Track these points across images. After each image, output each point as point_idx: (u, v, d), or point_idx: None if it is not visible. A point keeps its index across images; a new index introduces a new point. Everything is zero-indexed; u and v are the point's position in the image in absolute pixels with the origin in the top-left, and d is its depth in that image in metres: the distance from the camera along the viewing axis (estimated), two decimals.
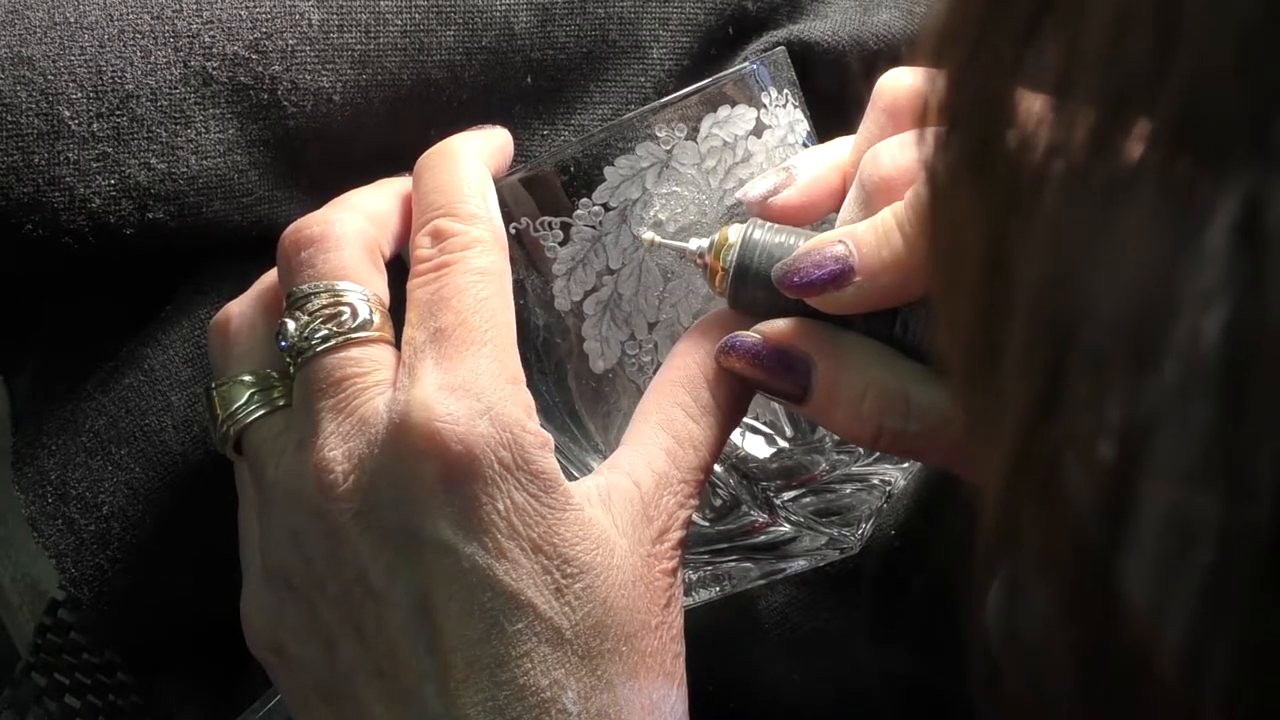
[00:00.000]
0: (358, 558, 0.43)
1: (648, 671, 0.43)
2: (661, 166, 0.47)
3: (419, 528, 0.42)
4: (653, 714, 0.43)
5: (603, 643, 0.42)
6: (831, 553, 0.51)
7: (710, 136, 0.47)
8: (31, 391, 0.54)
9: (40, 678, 0.54)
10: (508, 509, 0.42)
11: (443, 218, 0.46)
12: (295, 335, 0.45)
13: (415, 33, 0.53)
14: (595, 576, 0.42)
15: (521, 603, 0.41)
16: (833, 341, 0.44)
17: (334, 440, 0.43)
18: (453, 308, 0.44)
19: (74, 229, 0.49)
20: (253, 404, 0.46)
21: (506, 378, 0.43)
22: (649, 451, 0.45)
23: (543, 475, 0.42)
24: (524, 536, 0.42)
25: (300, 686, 0.45)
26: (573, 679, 0.42)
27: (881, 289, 0.43)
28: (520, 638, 0.41)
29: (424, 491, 0.42)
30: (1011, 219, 0.28)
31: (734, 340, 0.45)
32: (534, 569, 0.42)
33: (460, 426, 0.42)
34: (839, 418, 0.44)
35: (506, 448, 0.42)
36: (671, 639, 0.44)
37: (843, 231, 0.44)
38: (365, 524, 0.43)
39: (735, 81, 0.48)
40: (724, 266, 0.45)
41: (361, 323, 0.45)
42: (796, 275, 0.44)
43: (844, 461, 0.50)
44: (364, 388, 0.44)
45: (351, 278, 0.46)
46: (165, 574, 0.53)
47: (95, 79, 0.49)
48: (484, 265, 0.45)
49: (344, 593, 0.43)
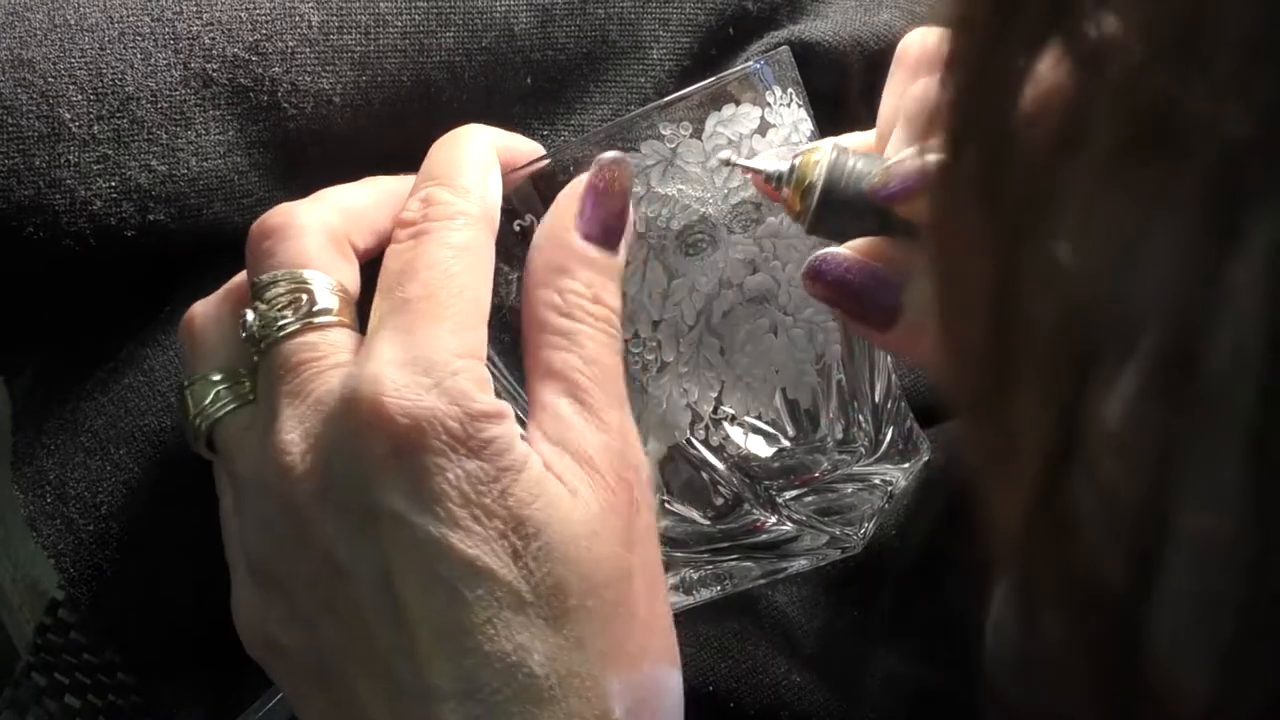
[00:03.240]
0: (323, 537, 0.43)
1: (622, 620, 0.43)
2: (666, 165, 0.47)
3: (374, 501, 0.42)
4: (630, 664, 0.43)
5: (566, 600, 0.42)
6: (833, 552, 0.51)
7: (715, 135, 0.47)
8: (31, 391, 0.54)
9: (40, 678, 0.54)
10: (458, 478, 0.42)
11: (435, 186, 0.46)
12: (255, 324, 0.45)
13: (415, 34, 0.53)
14: (552, 533, 0.42)
15: (479, 569, 0.41)
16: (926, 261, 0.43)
17: (291, 423, 0.43)
18: (421, 279, 0.44)
19: (75, 231, 0.49)
20: (220, 400, 0.46)
21: (460, 351, 0.43)
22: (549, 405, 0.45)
23: (494, 442, 0.42)
24: (476, 503, 0.42)
25: (294, 678, 0.45)
26: (538, 641, 0.41)
27: None
28: (481, 604, 0.41)
29: (375, 465, 0.42)
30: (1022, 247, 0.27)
31: (822, 259, 0.44)
32: (489, 534, 0.42)
33: (407, 400, 0.42)
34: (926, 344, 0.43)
35: (455, 419, 0.42)
36: (647, 582, 0.44)
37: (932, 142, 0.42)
38: (325, 503, 0.43)
39: (739, 80, 0.48)
40: (811, 181, 0.44)
41: (321, 309, 0.45)
42: (892, 182, 0.43)
43: (846, 461, 0.50)
44: (320, 370, 0.44)
45: (312, 265, 0.46)
46: (165, 574, 0.53)
47: (95, 81, 0.49)
48: (463, 240, 0.45)
49: (316, 575, 0.43)
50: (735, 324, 0.48)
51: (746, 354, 0.48)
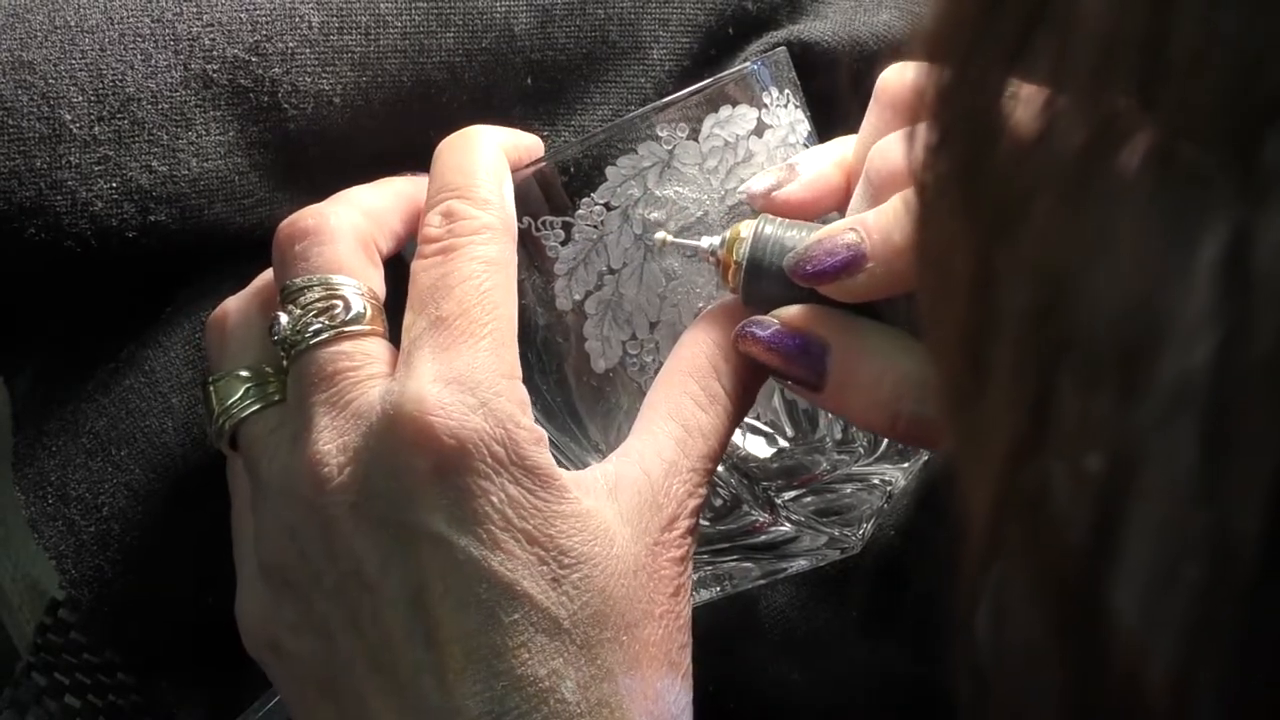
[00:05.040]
0: (353, 551, 0.43)
1: (650, 661, 0.43)
2: (663, 166, 0.47)
3: (413, 520, 0.42)
4: (655, 703, 0.43)
5: (602, 632, 0.42)
6: (832, 552, 0.51)
7: (712, 136, 0.47)
8: (32, 392, 0.54)
9: (40, 678, 0.54)
10: (502, 501, 0.42)
11: (456, 199, 0.46)
12: (288, 328, 0.45)
13: (415, 35, 0.53)
14: (593, 567, 0.42)
15: (517, 593, 0.41)
16: (848, 327, 0.44)
17: (328, 434, 0.43)
18: (455, 296, 0.44)
19: (76, 232, 0.50)
20: (248, 399, 0.47)
21: (503, 372, 0.43)
22: (658, 440, 0.45)
23: (538, 470, 0.42)
24: (518, 529, 0.42)
25: (298, 683, 0.45)
26: (571, 668, 0.42)
27: (894, 274, 0.43)
28: (517, 628, 0.41)
29: (417, 484, 0.42)
30: (1000, 239, 0.27)
31: (751, 325, 0.45)
32: (529, 559, 0.42)
33: (454, 420, 0.42)
34: (856, 404, 0.44)
35: (500, 442, 0.42)
36: (678, 628, 0.44)
37: (852, 220, 0.44)
38: (360, 517, 0.43)
39: (737, 81, 0.48)
40: (737, 260, 0.45)
41: (354, 316, 0.45)
42: (809, 264, 0.44)
43: (845, 461, 0.50)
44: (357, 381, 0.44)
45: (345, 271, 0.46)
46: (165, 575, 0.53)
47: (96, 82, 0.49)
48: (491, 254, 0.45)
49: (340, 586, 0.43)
50: None
51: None
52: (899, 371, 0.43)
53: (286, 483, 0.44)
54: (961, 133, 0.28)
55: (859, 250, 0.43)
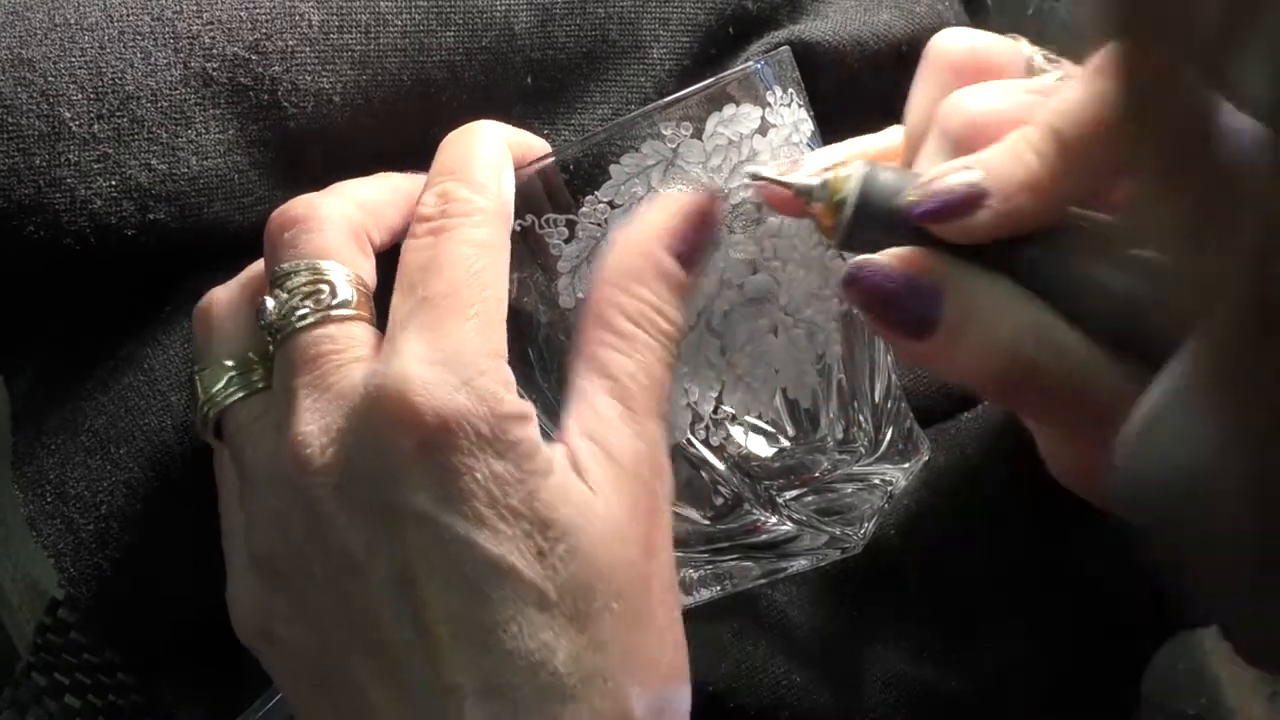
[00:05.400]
0: (338, 533, 0.42)
1: (641, 627, 0.43)
2: (667, 165, 0.47)
3: (397, 500, 0.42)
4: (649, 670, 0.43)
5: (591, 603, 0.42)
6: (833, 552, 0.51)
7: (715, 135, 0.47)
8: (31, 391, 0.54)
9: (40, 678, 0.54)
10: (486, 478, 0.42)
11: (452, 181, 0.46)
12: (274, 313, 0.45)
13: (415, 33, 0.53)
14: (579, 538, 0.42)
15: (503, 569, 0.41)
16: (965, 270, 0.43)
17: (310, 415, 0.43)
18: (444, 277, 0.44)
19: (75, 230, 0.49)
20: (232, 386, 0.46)
21: (487, 352, 0.43)
22: (593, 401, 0.44)
23: (521, 444, 0.42)
24: (503, 504, 0.42)
25: (293, 672, 0.45)
26: (562, 640, 0.41)
27: (1016, 211, 0.42)
28: (505, 604, 0.41)
29: (401, 463, 0.42)
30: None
31: (860, 268, 0.44)
32: (515, 534, 0.42)
33: (436, 399, 0.42)
34: (969, 349, 0.43)
35: (484, 419, 0.42)
36: (664, 590, 0.44)
37: (969, 158, 0.42)
38: (343, 498, 0.42)
39: (740, 80, 0.48)
40: (841, 199, 0.44)
41: (341, 301, 0.45)
42: (929, 201, 0.42)
43: (846, 461, 0.50)
44: (340, 364, 0.44)
45: (334, 257, 0.46)
46: (165, 574, 0.53)
47: (96, 80, 0.49)
48: (482, 237, 0.45)
49: (328, 570, 0.43)
50: (735, 324, 0.48)
51: (747, 354, 0.48)
52: (1018, 317, 0.42)
53: (271, 468, 0.44)
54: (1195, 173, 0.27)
55: (979, 186, 0.42)
